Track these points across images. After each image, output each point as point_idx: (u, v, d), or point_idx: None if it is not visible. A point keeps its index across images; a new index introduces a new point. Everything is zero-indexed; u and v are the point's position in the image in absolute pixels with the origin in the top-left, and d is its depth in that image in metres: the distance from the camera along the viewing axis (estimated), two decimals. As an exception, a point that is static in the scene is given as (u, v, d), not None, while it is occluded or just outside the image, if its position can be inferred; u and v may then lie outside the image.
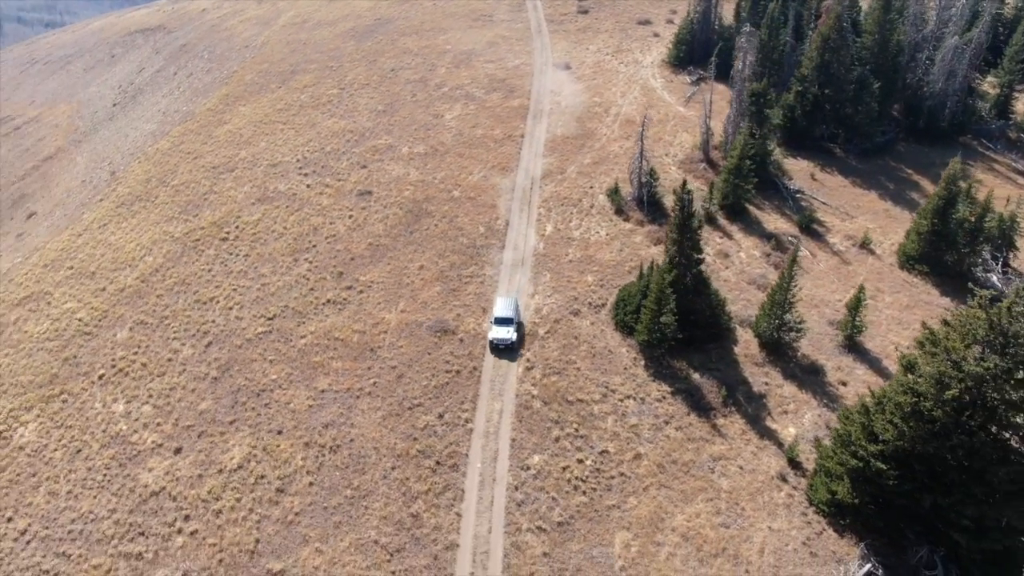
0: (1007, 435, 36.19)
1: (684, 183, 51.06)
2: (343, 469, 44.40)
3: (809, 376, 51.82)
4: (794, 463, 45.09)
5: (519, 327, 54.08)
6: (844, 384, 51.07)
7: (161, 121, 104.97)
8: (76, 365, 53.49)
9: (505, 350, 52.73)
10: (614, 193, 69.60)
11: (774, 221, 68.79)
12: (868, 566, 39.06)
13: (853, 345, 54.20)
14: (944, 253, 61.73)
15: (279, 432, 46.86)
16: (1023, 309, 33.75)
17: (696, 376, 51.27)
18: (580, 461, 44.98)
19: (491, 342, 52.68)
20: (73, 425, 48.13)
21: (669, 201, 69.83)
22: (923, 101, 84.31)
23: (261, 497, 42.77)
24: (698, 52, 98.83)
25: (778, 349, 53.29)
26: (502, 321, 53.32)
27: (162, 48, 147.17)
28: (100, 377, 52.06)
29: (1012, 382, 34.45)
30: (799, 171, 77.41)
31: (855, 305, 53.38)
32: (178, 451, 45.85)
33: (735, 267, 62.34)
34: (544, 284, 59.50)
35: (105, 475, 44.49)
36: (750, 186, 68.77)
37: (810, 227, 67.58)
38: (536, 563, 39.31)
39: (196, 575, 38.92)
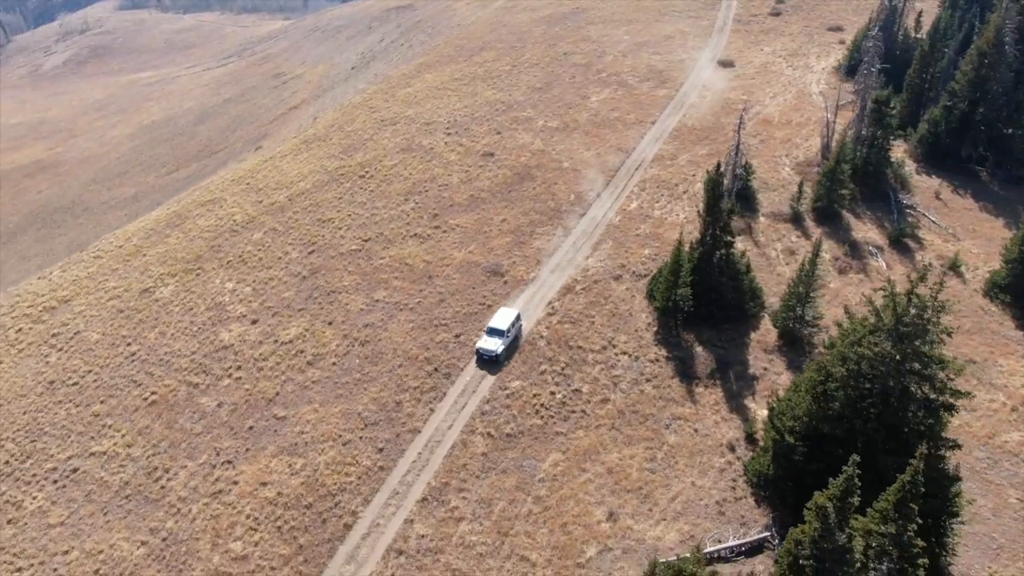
0: (906, 428, 36.54)
1: (718, 166, 53.80)
2: (362, 359, 53.82)
3: (815, 371, 52.32)
4: (751, 439, 47.01)
5: (513, 342, 53.69)
6: (848, 385, 51.04)
7: (370, 82, 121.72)
8: (217, 251, 68.02)
9: (489, 361, 52.21)
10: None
11: (865, 230, 67.38)
12: (766, 535, 40.92)
13: (878, 353, 53.40)
14: (1033, 285, 57.61)
15: (329, 323, 57.36)
16: (919, 302, 34.29)
17: (698, 348, 54.12)
18: (552, 393, 50.53)
19: (477, 351, 52.97)
20: (194, 291, 62.23)
21: (763, 196, 71.41)
22: (1109, 133, 75.77)
23: (293, 365, 53.46)
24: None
25: (794, 341, 54.17)
26: (493, 332, 52.67)
27: (403, 23, 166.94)
28: (228, 262, 66.04)
29: (905, 370, 35.11)
30: (925, 188, 73.96)
31: (884, 313, 52.62)
32: (254, 322, 57.99)
33: (796, 264, 62.65)
34: (602, 250, 64.49)
35: (199, 328, 57.74)
36: (846, 191, 67.90)
37: (900, 241, 65.42)
38: (472, 459, 45.95)
39: (227, 406, 50.41)
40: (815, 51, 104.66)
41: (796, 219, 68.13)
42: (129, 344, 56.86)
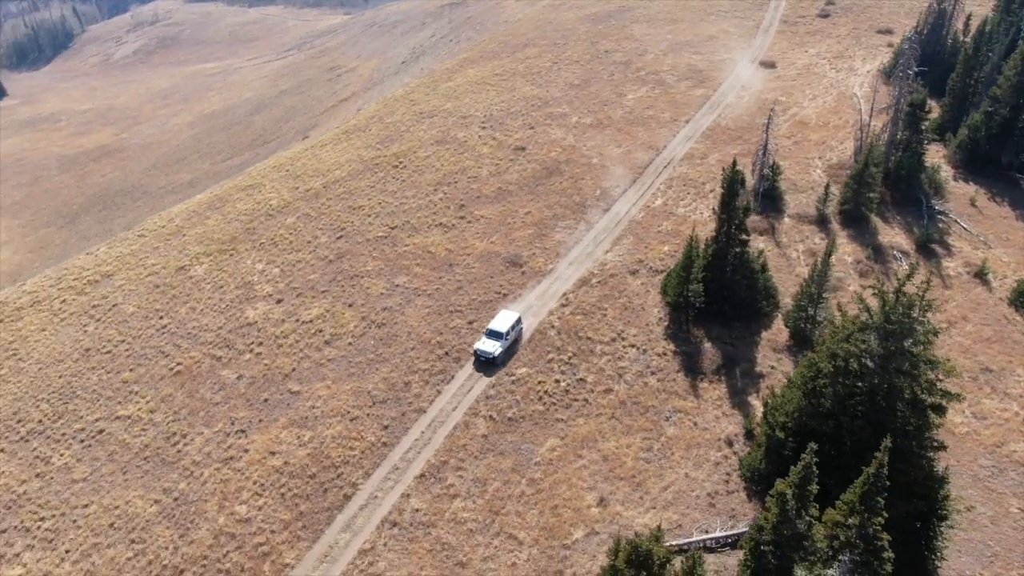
0: (894, 427, 36.52)
1: (734, 163, 54.02)
2: (377, 341, 55.66)
3: (823, 372, 52.17)
4: (750, 435, 47.24)
5: (512, 344, 53.89)
6: (855, 387, 50.79)
7: (416, 76, 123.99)
8: (251, 234, 70.79)
9: (486, 363, 52.44)
10: (739, 183, 71.78)
11: (892, 235, 66.50)
12: (754, 528, 41.22)
13: (890, 357, 52.96)
14: (1060, 296, 56.29)
15: (350, 305, 59.40)
16: (906, 300, 34.32)
17: (707, 344, 54.48)
18: (557, 381, 51.56)
19: (474, 352, 53.19)
20: (226, 270, 65.01)
21: (790, 197, 71.07)
22: None
23: (312, 344, 55.61)
24: (924, 64, 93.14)
25: (805, 341, 54.00)
26: (493, 334, 52.74)
27: (454, 19, 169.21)
28: (260, 244, 68.70)
29: (891, 368, 35.17)
30: (961, 194, 72.46)
31: (898, 316, 52.14)
32: (279, 301, 60.39)
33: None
34: (622, 245, 65.14)
35: (227, 305, 60.40)
36: (873, 195, 67.12)
37: (927, 246, 64.44)
38: (472, 440, 47.31)
39: (246, 379, 52.81)
40: (861, 54, 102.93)
41: (821, 221, 67.63)
42: (161, 317, 59.81)
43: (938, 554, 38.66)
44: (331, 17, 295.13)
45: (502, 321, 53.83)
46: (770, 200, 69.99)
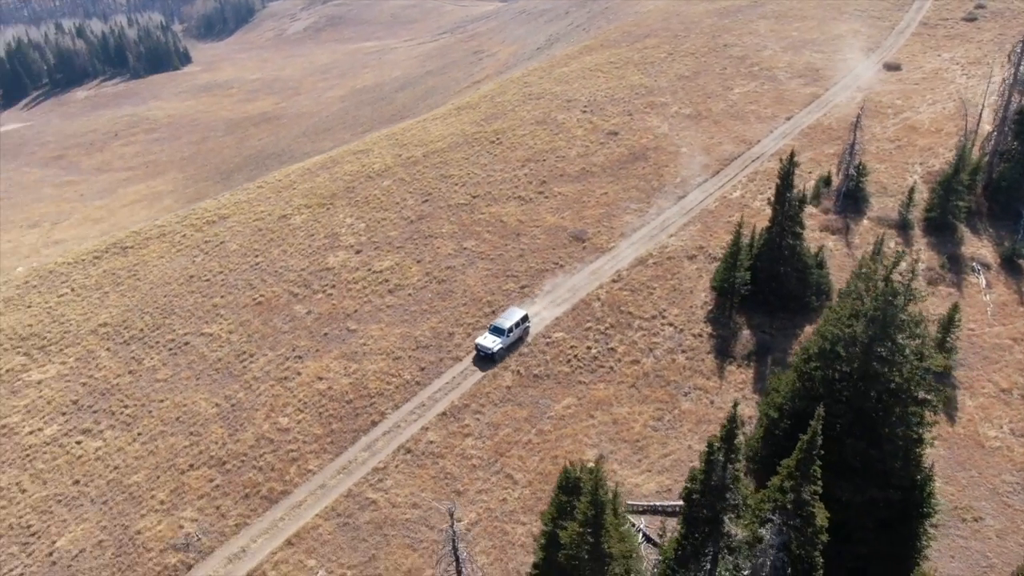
0: (874, 414, 36.81)
1: (792, 155, 54.19)
2: (434, 294, 60.30)
3: (859, 371, 51.71)
4: (765, 419, 47.97)
5: (515, 342, 54.26)
6: (889, 389, 50.09)
7: (540, 60, 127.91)
8: (350, 191, 77.46)
9: (485, 358, 53.22)
10: (824, 181, 70.95)
11: (978, 246, 63.70)
12: (742, 502, 42.36)
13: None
14: None
15: (418, 261, 64.42)
16: (890, 288, 34.58)
17: (745, 331, 55.17)
18: (588, 348, 54.15)
19: (476, 346, 53.95)
20: (320, 222, 71.83)
21: (876, 200, 69.51)
22: None
23: (376, 290, 61.04)
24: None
25: (847, 340, 53.54)
26: (495, 330, 53.44)
27: (593, 9, 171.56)
28: (355, 202, 75.16)
29: (874, 354, 35.56)
30: (1070, 212, 67.88)
31: (946, 325, 50.84)
32: (358, 252, 66.35)
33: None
34: (687, 231, 66.34)
35: (313, 251, 67.04)
36: (962, 203, 64.42)
37: (1013, 261, 61.36)
38: (497, 391, 50.92)
39: (314, 315, 58.96)
40: (1001, 60, 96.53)
41: (903, 226, 65.65)
42: (256, 256, 67.30)
43: (920, 553, 38.43)
44: (486, 4, 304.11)
45: (507, 318, 54.38)
46: (852, 201, 68.60)
